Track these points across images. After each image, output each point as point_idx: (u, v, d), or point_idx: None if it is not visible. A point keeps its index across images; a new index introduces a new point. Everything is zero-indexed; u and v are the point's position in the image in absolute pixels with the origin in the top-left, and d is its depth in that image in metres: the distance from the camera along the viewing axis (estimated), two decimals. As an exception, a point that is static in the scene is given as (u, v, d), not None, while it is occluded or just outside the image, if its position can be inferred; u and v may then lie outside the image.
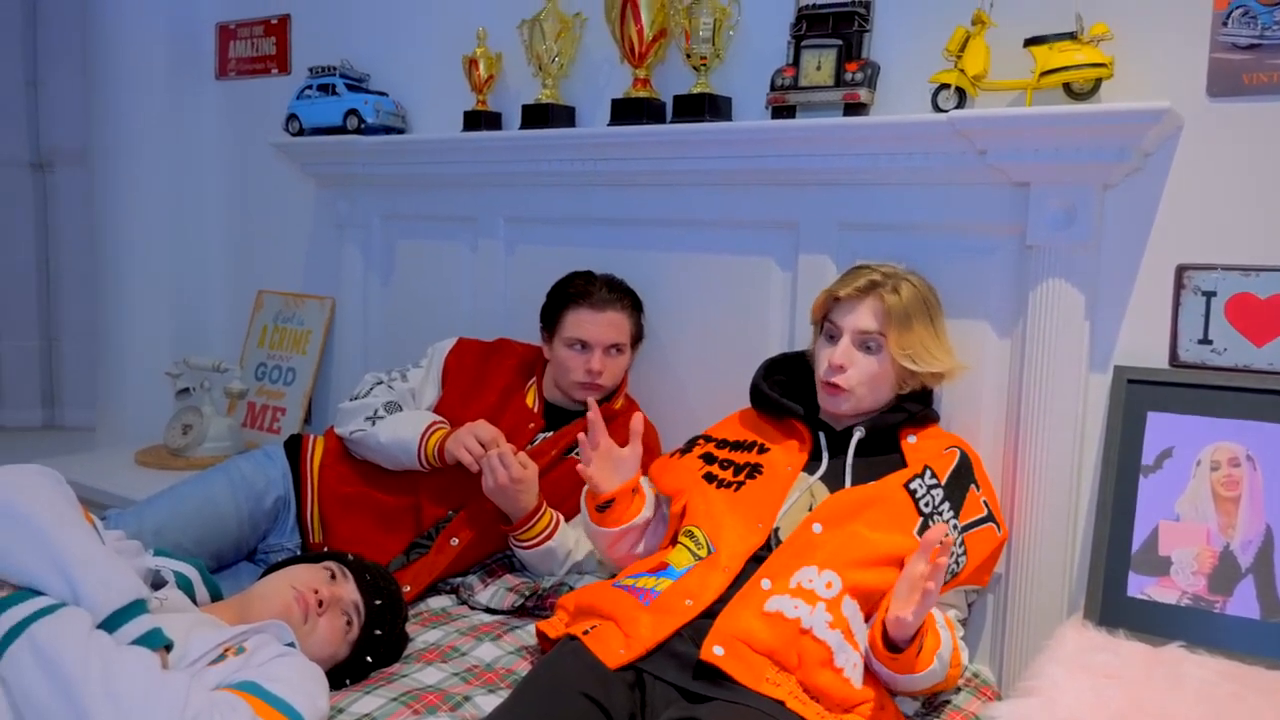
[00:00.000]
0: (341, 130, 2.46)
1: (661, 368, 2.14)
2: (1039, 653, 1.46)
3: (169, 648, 1.17)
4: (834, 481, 1.57)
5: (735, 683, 1.31)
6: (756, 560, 1.48)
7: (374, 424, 1.94)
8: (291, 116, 2.55)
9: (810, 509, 1.53)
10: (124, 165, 2.87)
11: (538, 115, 2.18)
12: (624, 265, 2.09)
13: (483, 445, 1.81)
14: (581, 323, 1.95)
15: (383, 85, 2.56)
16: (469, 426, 1.85)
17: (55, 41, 2.70)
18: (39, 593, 1.15)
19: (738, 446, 1.70)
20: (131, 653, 1.11)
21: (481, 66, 2.30)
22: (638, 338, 2.06)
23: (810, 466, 1.61)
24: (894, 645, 1.34)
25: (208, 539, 1.86)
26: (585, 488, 1.71)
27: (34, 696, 1.05)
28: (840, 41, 1.83)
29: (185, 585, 1.47)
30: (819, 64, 1.84)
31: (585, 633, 1.42)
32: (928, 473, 1.53)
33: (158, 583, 1.39)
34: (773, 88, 1.90)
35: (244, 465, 1.99)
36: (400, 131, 2.50)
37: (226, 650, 1.25)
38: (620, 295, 2.00)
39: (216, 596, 1.54)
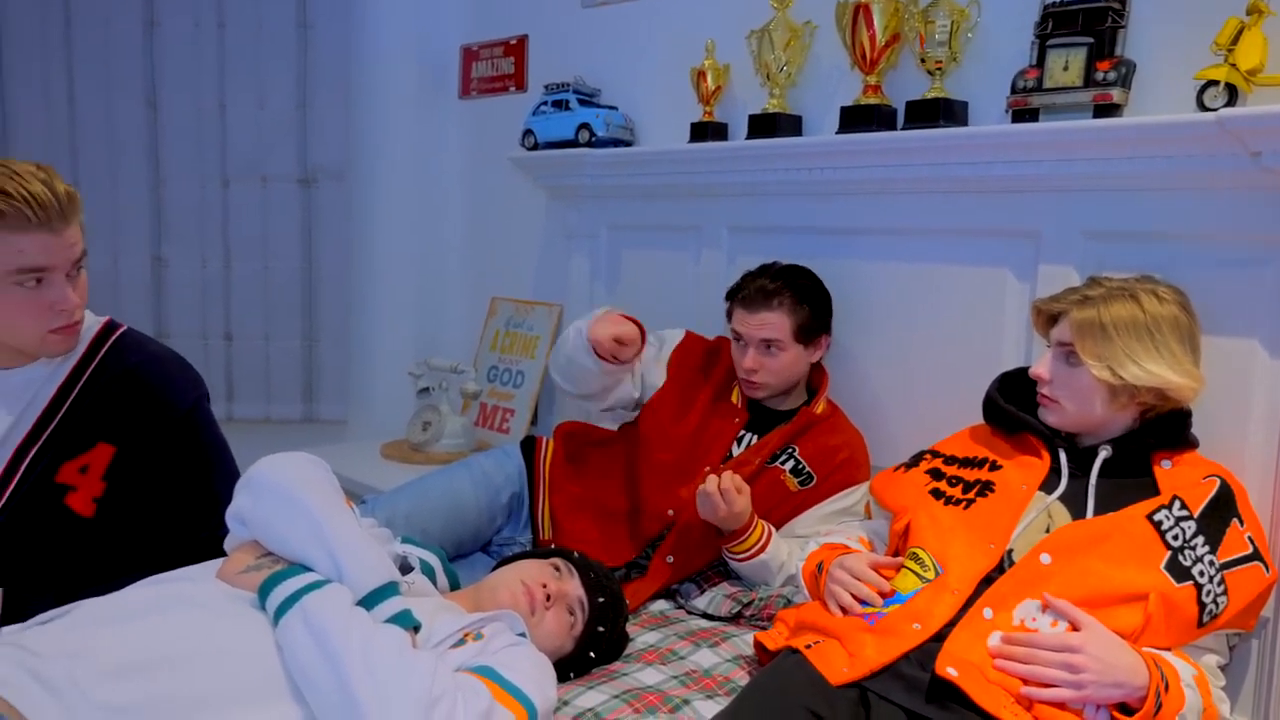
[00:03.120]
0: (573, 144, 2.56)
1: (884, 380, 2.09)
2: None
3: (417, 629, 1.25)
4: (1074, 503, 1.47)
5: (969, 709, 1.26)
6: (988, 582, 1.41)
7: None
8: (527, 131, 2.67)
9: (1048, 530, 1.45)
10: (376, 180, 3.12)
11: (765, 125, 2.18)
12: (849, 275, 2.06)
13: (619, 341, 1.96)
14: (738, 319, 1.97)
15: (613, 99, 2.64)
16: (614, 319, 1.99)
17: (322, 67, 2.97)
18: (308, 569, 1.26)
19: (967, 463, 1.62)
20: (386, 629, 1.20)
21: (709, 78, 2.33)
22: (810, 333, 1.97)
23: (1048, 485, 1.51)
24: (1126, 708, 1.26)
25: (450, 527, 1.99)
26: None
27: (303, 661, 1.15)
28: (1091, 39, 1.72)
29: (428, 572, 1.57)
30: (1066, 64, 1.74)
31: (808, 647, 1.40)
32: (1177, 503, 1.41)
33: (404, 568, 1.49)
34: (1014, 90, 1.81)
35: (485, 462, 2.11)
36: (628, 144, 2.57)
37: (466, 635, 1.32)
38: (776, 292, 1.94)
39: (454, 584, 1.63)
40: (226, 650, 1.17)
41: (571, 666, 1.54)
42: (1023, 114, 1.80)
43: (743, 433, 2.02)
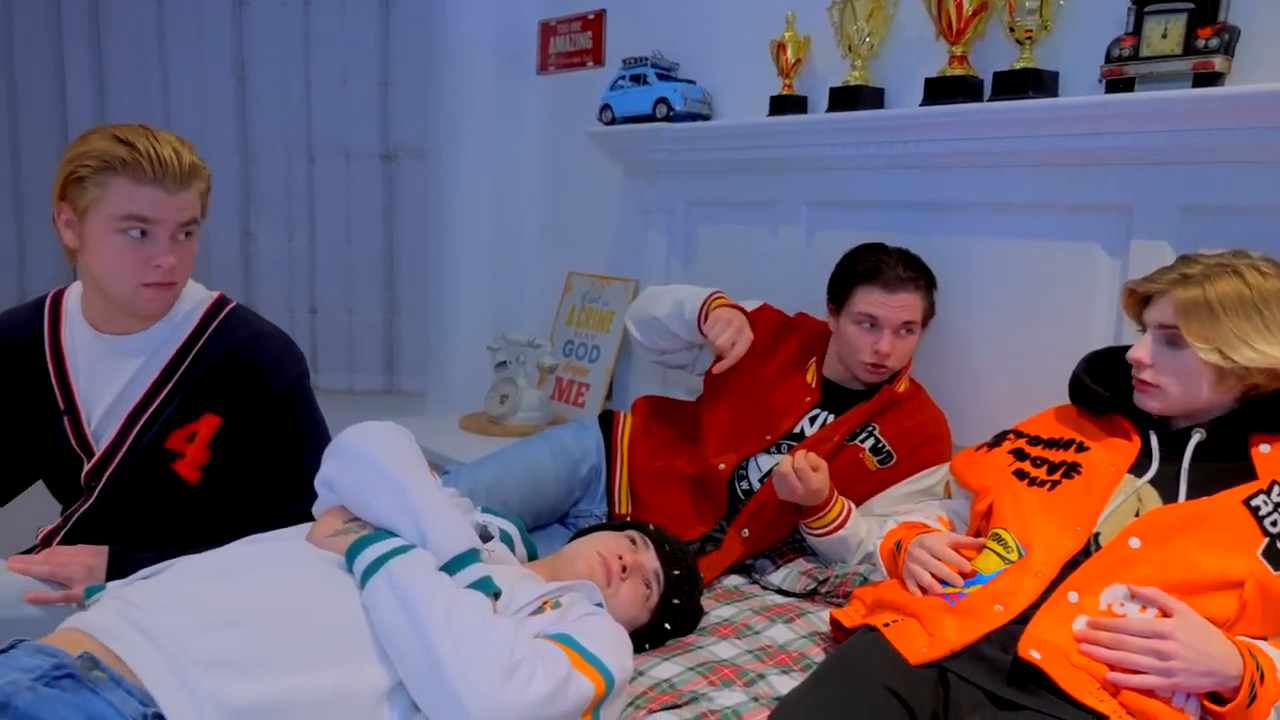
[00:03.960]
0: (651, 118, 2.55)
1: (966, 358, 2.05)
2: None
3: (498, 595, 1.28)
4: (1165, 487, 1.42)
5: (1052, 693, 1.23)
6: (1073, 565, 1.38)
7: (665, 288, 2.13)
8: (605, 106, 2.67)
9: (1137, 514, 1.41)
10: (456, 156, 3.15)
11: (846, 97, 2.15)
12: (930, 250, 2.01)
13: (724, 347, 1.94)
14: (872, 301, 1.91)
15: (691, 73, 2.62)
16: (735, 319, 1.96)
17: (404, 46, 3.01)
18: (394, 534, 1.29)
19: (1052, 444, 1.58)
20: (468, 595, 1.22)
21: (789, 50, 2.30)
22: (929, 316, 1.98)
23: (1138, 468, 1.47)
24: (1218, 698, 1.22)
25: (530, 499, 2.02)
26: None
27: (388, 624, 1.18)
28: (1192, 5, 1.65)
29: (506, 541, 1.59)
30: (1165, 31, 1.68)
31: (885, 625, 1.39)
32: (1276, 489, 1.36)
33: (484, 536, 1.51)
34: (1108, 59, 1.75)
35: (564, 435, 2.14)
36: (706, 118, 2.56)
37: (545, 603, 1.34)
38: (914, 274, 1.92)
39: (532, 554, 1.65)
40: (315, 610, 1.20)
41: (646, 638, 1.55)
42: (1117, 84, 1.74)
43: (817, 411, 2.01)
